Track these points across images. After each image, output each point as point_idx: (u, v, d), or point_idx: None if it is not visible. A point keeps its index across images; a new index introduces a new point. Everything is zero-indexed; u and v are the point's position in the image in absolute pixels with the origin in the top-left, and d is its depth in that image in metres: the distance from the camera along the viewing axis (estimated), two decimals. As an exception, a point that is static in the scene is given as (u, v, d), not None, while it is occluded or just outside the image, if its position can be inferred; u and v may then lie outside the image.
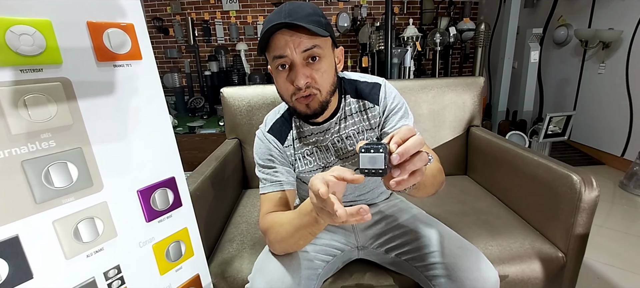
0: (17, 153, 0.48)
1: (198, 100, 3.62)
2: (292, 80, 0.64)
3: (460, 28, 3.22)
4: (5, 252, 0.47)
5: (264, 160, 0.76)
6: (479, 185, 1.30)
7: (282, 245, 0.67)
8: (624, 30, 2.41)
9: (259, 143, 0.78)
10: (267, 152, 0.76)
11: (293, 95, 0.67)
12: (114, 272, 0.60)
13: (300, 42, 0.61)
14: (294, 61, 0.63)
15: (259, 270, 0.70)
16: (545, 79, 3.23)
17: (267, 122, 0.79)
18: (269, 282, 0.66)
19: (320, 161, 0.78)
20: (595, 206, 0.83)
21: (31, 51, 0.49)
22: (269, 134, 0.77)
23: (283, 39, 0.61)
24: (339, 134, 0.77)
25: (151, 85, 0.65)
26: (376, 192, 0.89)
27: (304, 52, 0.62)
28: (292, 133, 0.77)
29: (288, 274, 0.67)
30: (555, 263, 0.87)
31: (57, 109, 0.52)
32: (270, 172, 0.74)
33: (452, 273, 0.67)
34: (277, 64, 0.65)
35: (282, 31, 0.61)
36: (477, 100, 1.38)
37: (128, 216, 0.61)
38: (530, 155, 1.01)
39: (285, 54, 0.62)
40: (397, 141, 0.45)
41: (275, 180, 0.73)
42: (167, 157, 0.67)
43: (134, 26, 0.62)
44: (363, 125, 0.77)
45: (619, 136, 2.49)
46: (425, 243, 0.74)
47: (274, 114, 0.81)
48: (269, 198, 0.72)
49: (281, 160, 0.76)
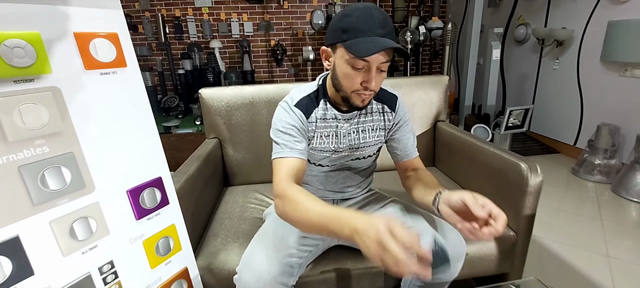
0: (14, 159, 0.52)
1: (172, 99, 3.57)
2: (363, 80, 0.72)
3: (429, 27, 3.37)
4: (7, 251, 0.51)
5: (285, 128, 0.79)
6: (445, 175, 1.41)
7: (293, 220, 0.69)
8: (575, 29, 2.63)
9: (284, 113, 0.81)
10: (291, 121, 0.79)
11: (356, 90, 0.74)
12: (108, 267, 0.64)
13: (383, 56, 0.70)
14: (371, 68, 0.71)
15: (246, 264, 0.75)
16: (508, 74, 3.46)
17: (293, 98, 0.83)
18: (256, 274, 0.72)
19: (332, 144, 0.86)
20: (539, 190, 0.95)
21: (23, 63, 0.52)
22: (296, 108, 0.81)
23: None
24: (357, 126, 0.86)
25: (136, 91, 0.69)
26: (359, 188, 0.99)
27: (380, 63, 0.71)
28: (317, 112, 0.83)
29: (273, 265, 0.73)
30: (508, 241, 0.99)
31: (49, 116, 0.55)
32: (290, 139, 0.78)
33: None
34: (356, 64, 0.70)
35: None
36: (442, 97, 1.49)
37: (119, 215, 0.65)
38: (486, 146, 1.13)
39: (370, 61, 0.69)
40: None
41: (294, 148, 0.77)
42: (153, 158, 0.71)
43: (118, 35, 0.65)
44: (379, 124, 0.88)
45: (571, 127, 2.73)
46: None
47: (298, 92, 0.85)
48: (286, 162, 0.75)
49: (302, 132, 0.80)
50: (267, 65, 3.96)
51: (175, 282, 0.77)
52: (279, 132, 0.79)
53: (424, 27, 3.24)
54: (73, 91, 0.59)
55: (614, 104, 2.37)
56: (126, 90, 0.67)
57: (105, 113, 0.63)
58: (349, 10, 0.71)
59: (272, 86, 1.35)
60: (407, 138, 0.90)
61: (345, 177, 0.93)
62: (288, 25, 3.82)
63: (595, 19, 2.46)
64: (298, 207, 0.66)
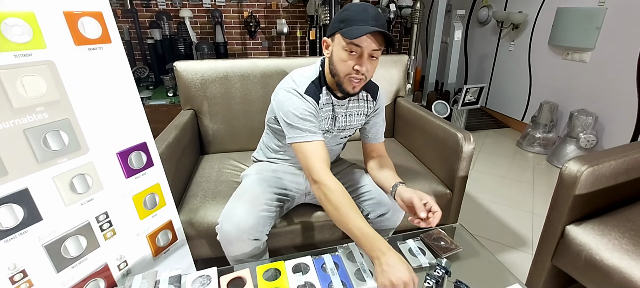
0: (20, 123, 0.60)
1: (142, 70, 3.49)
2: (354, 65, 0.82)
3: (399, 5, 3.49)
4: (19, 199, 0.60)
5: (304, 115, 0.85)
6: (402, 145, 1.60)
7: (332, 215, 0.80)
8: (529, 13, 2.85)
9: (297, 101, 0.87)
10: (307, 108, 0.87)
11: (348, 75, 0.83)
12: (104, 217, 0.75)
13: (374, 43, 0.79)
14: (363, 53, 0.80)
15: (227, 216, 0.89)
16: (470, 53, 3.69)
17: (299, 85, 0.90)
18: (235, 224, 0.86)
19: (327, 126, 0.98)
20: (471, 155, 1.14)
21: (22, 39, 0.60)
22: (307, 96, 0.88)
23: (366, 36, 0.78)
24: (347, 110, 0.98)
25: (120, 64, 0.77)
26: (332, 158, 1.13)
27: (372, 50, 0.81)
28: (321, 98, 0.92)
29: (250, 217, 0.87)
30: (445, 197, 1.19)
31: (47, 86, 0.64)
32: (312, 125, 0.86)
33: (379, 200, 0.99)
34: (351, 49, 0.80)
35: (370, 33, 0.78)
36: (402, 75, 1.65)
37: (111, 173, 0.76)
38: (433, 119, 1.31)
39: (362, 45, 0.79)
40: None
41: (317, 132, 0.86)
42: (138, 125, 0.81)
43: (103, 14, 0.73)
44: (363, 110, 1.01)
45: (520, 104, 3.02)
46: (361, 182, 1.03)
47: (301, 78, 0.91)
48: (315, 147, 0.84)
49: (317, 117, 0.89)
50: (240, 37, 3.93)
51: (162, 231, 0.89)
52: (299, 119, 0.85)
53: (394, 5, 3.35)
54: (66, 64, 0.67)
55: (556, 84, 2.65)
56: (112, 63, 0.75)
57: (94, 84, 0.72)
58: (348, 6, 0.83)
59: (246, 61, 1.44)
60: (379, 124, 1.05)
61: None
62: (261, -4, 3.79)
63: (546, 5, 2.69)
64: (341, 211, 0.77)
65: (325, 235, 1.12)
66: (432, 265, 0.81)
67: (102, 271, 0.78)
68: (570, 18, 2.44)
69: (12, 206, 0.60)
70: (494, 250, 1.47)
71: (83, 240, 0.72)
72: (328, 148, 1.01)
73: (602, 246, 0.88)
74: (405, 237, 0.93)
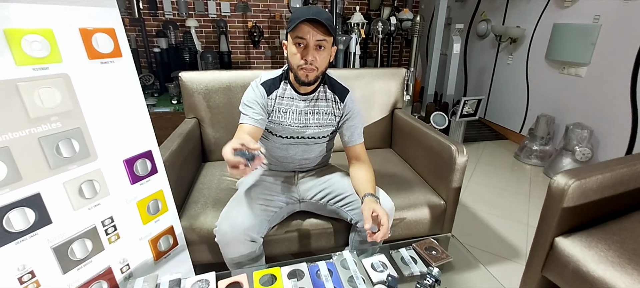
0: (35, 132, 0.65)
1: (147, 78, 3.56)
2: (303, 55, 0.90)
3: (400, 18, 3.56)
4: (32, 204, 0.65)
5: (249, 102, 0.99)
6: (398, 155, 1.63)
7: None
8: (526, 28, 2.91)
9: (250, 90, 1.02)
10: (253, 97, 1.00)
11: (299, 66, 0.92)
12: (109, 221, 0.79)
13: (316, 33, 0.87)
14: (308, 44, 0.89)
15: (224, 217, 0.94)
16: (470, 66, 3.74)
17: (262, 78, 1.04)
18: (232, 224, 0.90)
19: (289, 119, 1.03)
20: (464, 167, 1.18)
21: (40, 54, 0.65)
22: (260, 86, 1.02)
23: (307, 27, 0.87)
24: (312, 108, 1.04)
25: (130, 77, 0.82)
26: (316, 161, 1.16)
27: (316, 41, 0.88)
28: (278, 91, 1.02)
29: (246, 219, 0.92)
30: (439, 208, 1.22)
31: (62, 97, 0.68)
32: (251, 111, 0.98)
33: None
34: (297, 41, 0.89)
35: (308, 22, 0.86)
36: (400, 88, 1.69)
37: (117, 179, 0.80)
38: (429, 131, 1.35)
39: (305, 37, 0.88)
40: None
41: (252, 117, 0.97)
42: (145, 134, 0.85)
43: (115, 30, 0.78)
44: (329, 110, 1.06)
45: (518, 116, 3.06)
46: (348, 191, 1.05)
47: (268, 74, 1.05)
48: (245, 127, 0.96)
49: (262, 105, 1.00)
50: (244, 46, 4.00)
51: (163, 236, 0.92)
52: (244, 105, 1.00)
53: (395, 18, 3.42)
54: (79, 77, 0.72)
55: (553, 97, 2.69)
56: (122, 76, 0.80)
57: (105, 95, 0.76)
58: (295, 9, 0.91)
59: (248, 72, 1.49)
60: (354, 127, 1.08)
61: (304, 151, 1.10)
62: (265, 7, 3.87)
63: (543, 20, 2.75)
64: None
65: (322, 243, 1.15)
66: (423, 274, 0.84)
67: (106, 273, 0.81)
68: (566, 33, 2.49)
69: (24, 210, 0.64)
70: (489, 260, 1.49)
71: (89, 243, 0.76)
72: (296, 144, 1.08)
73: (589, 258, 0.91)
74: (398, 246, 0.97)
